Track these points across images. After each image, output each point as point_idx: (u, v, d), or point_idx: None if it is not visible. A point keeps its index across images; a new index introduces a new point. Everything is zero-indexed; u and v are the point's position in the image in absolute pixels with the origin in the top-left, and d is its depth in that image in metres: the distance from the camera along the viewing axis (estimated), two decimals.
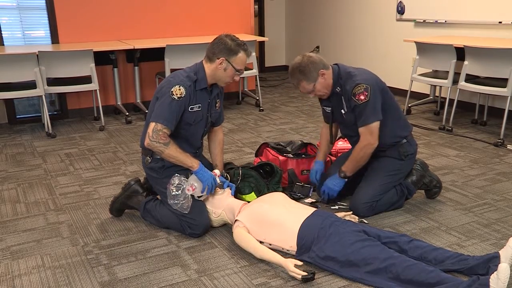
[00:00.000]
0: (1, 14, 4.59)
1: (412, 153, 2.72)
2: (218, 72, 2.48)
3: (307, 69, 2.51)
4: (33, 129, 4.63)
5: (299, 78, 2.54)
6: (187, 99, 2.43)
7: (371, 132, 2.53)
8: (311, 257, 2.14)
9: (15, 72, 4.10)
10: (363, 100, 2.48)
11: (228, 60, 2.45)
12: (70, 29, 4.84)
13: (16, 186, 3.21)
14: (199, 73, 2.50)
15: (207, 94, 2.56)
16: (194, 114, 2.51)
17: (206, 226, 2.48)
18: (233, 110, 5.32)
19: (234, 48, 2.44)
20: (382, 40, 5.98)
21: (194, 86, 2.47)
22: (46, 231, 2.58)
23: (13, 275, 2.17)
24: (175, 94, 2.39)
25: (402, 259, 2.00)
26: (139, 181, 2.68)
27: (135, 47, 4.66)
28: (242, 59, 2.48)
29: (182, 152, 2.43)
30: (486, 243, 2.37)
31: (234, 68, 2.47)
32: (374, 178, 2.67)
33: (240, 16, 5.71)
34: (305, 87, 2.56)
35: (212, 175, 2.48)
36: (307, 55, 2.56)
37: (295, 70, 2.54)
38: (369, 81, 2.53)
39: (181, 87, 2.40)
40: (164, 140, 2.38)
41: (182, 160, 2.43)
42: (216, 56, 2.45)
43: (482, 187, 3.06)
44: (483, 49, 3.98)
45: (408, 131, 2.73)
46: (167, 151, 2.39)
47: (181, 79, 2.44)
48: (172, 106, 2.39)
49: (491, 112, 4.66)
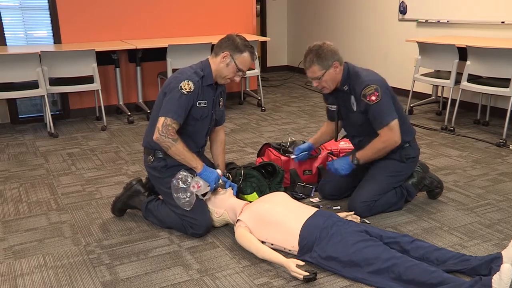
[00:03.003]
0: (4, 14, 4.60)
1: (414, 157, 2.70)
2: (220, 67, 2.49)
3: (324, 55, 2.48)
4: (35, 129, 4.64)
5: (313, 60, 2.49)
6: (195, 94, 2.45)
7: (392, 130, 2.51)
8: (313, 257, 2.14)
9: (17, 72, 4.11)
10: (374, 100, 2.47)
11: (232, 56, 2.46)
12: (72, 29, 4.85)
13: (19, 186, 3.21)
14: (206, 69, 2.52)
15: (213, 90, 2.57)
16: (201, 110, 2.52)
17: (208, 226, 2.48)
18: (235, 110, 5.32)
19: (241, 47, 2.46)
20: (384, 40, 5.98)
21: (201, 81, 2.49)
22: (48, 230, 2.59)
23: (15, 275, 2.17)
24: (184, 88, 2.41)
25: (404, 259, 1.99)
26: (140, 181, 2.68)
27: (137, 47, 4.66)
28: (246, 59, 2.49)
29: (189, 151, 2.44)
30: (488, 243, 2.36)
31: (237, 66, 2.48)
32: (374, 178, 2.66)
33: (242, 16, 5.71)
34: (315, 71, 2.51)
35: (217, 174, 2.49)
36: (327, 43, 2.53)
37: (313, 51, 2.50)
38: (378, 82, 2.52)
39: (189, 81, 2.42)
40: (173, 136, 2.39)
41: (187, 159, 2.43)
42: (222, 50, 2.48)
43: (484, 188, 3.06)
44: (485, 49, 3.97)
45: (411, 136, 2.72)
46: (174, 148, 2.39)
47: (189, 75, 2.46)
48: (181, 101, 2.40)
49: (494, 112, 4.65)
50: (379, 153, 2.60)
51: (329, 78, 2.53)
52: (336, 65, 2.50)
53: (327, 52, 2.48)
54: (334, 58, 2.49)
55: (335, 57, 2.50)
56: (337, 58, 2.51)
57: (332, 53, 2.49)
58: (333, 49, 2.51)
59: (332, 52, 2.49)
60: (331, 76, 2.52)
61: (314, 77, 2.53)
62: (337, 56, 2.51)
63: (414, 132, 2.77)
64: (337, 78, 2.56)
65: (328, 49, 2.49)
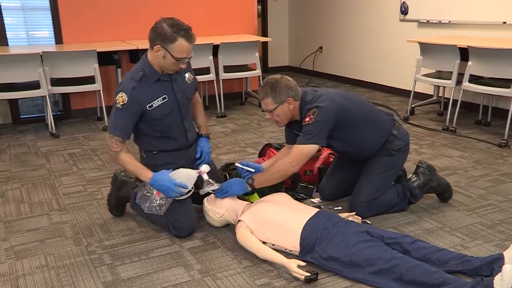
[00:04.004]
0: (6, 14, 4.61)
1: (403, 146, 2.65)
2: (158, 60, 2.33)
3: (278, 89, 2.45)
4: (37, 129, 4.64)
5: (267, 92, 2.46)
6: (136, 102, 2.34)
7: (301, 153, 2.44)
8: (314, 257, 2.14)
9: (19, 72, 4.12)
10: (307, 121, 2.44)
11: (165, 48, 2.26)
12: (73, 30, 4.86)
13: (20, 186, 3.22)
14: (146, 67, 2.37)
15: (167, 82, 2.43)
16: (158, 109, 2.41)
17: (191, 230, 2.47)
18: (236, 110, 5.33)
19: (170, 35, 2.23)
20: (385, 40, 5.97)
21: (146, 82, 2.36)
22: (50, 231, 2.59)
23: (17, 275, 2.17)
24: (118, 103, 2.35)
25: (405, 260, 1.99)
26: (124, 171, 2.66)
27: (139, 47, 4.66)
28: (181, 47, 2.26)
29: (133, 163, 2.38)
30: (490, 244, 2.36)
31: (173, 56, 2.28)
32: (367, 178, 2.65)
33: (244, 16, 5.72)
34: (268, 104, 2.48)
35: (171, 181, 2.32)
36: (286, 77, 2.52)
37: (268, 84, 2.48)
38: (324, 107, 2.43)
39: (123, 93, 2.32)
40: (116, 148, 2.37)
41: (133, 170, 2.40)
42: (154, 43, 2.29)
43: (486, 188, 3.05)
44: (487, 50, 3.96)
45: (390, 126, 2.64)
46: (119, 159, 2.39)
47: (124, 84, 2.37)
48: (117, 115, 2.37)
49: (495, 113, 4.65)
50: (274, 176, 2.47)
51: (281, 112, 2.49)
52: (290, 101, 2.46)
53: (282, 87, 2.45)
54: (288, 94, 2.46)
55: (290, 93, 2.46)
56: (292, 95, 2.46)
57: (287, 89, 2.46)
58: (288, 85, 2.47)
59: (287, 87, 2.46)
60: (283, 111, 2.48)
61: (267, 109, 2.50)
62: (292, 93, 2.47)
63: (392, 119, 2.68)
64: (291, 113, 2.51)
65: (284, 84, 2.46)
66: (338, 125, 2.48)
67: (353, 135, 2.57)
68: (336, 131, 2.49)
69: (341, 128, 2.50)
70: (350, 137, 2.57)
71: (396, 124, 2.68)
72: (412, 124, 4.60)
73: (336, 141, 2.56)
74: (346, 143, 2.59)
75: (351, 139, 2.58)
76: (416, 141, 4.04)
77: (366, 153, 2.66)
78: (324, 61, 7.09)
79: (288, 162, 2.44)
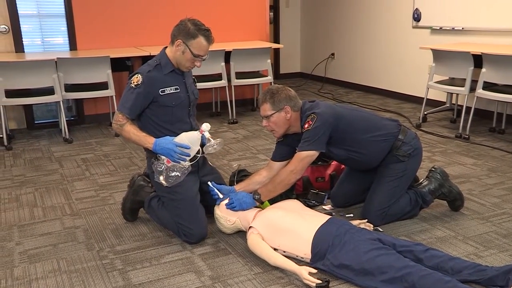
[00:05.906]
0: (23, 22, 4.68)
1: (412, 150, 2.60)
2: (177, 55, 2.50)
3: (278, 96, 2.47)
4: (51, 134, 4.70)
5: (267, 99, 2.48)
6: (150, 84, 2.47)
7: (300, 160, 2.43)
8: (326, 264, 2.13)
9: (34, 78, 4.18)
10: (306, 128, 2.44)
11: (186, 43, 2.44)
12: (88, 36, 4.92)
13: (34, 191, 3.25)
14: (162, 58, 2.54)
15: (179, 75, 2.57)
16: (170, 97, 2.52)
17: (201, 236, 2.48)
18: (248, 116, 5.33)
19: (193, 32, 2.43)
20: (398, 47, 5.95)
21: (160, 70, 2.51)
22: (62, 235, 2.61)
23: (30, 279, 2.19)
24: (132, 82, 2.49)
25: (418, 268, 1.97)
26: (142, 175, 2.72)
27: (151, 54, 4.70)
28: (201, 44, 2.45)
29: (136, 133, 2.45)
30: (505, 253, 2.32)
31: (192, 52, 2.45)
32: (380, 185, 2.63)
33: (256, 23, 5.74)
34: (266, 109, 2.49)
35: (172, 143, 2.35)
36: (288, 88, 2.54)
37: (269, 91, 2.51)
38: (321, 113, 2.44)
39: (138, 75, 2.48)
40: (120, 121, 2.47)
41: (136, 139, 2.45)
42: (176, 38, 2.47)
43: (500, 197, 3.01)
44: (501, 56, 3.93)
45: (395, 130, 2.61)
46: (124, 131, 2.47)
47: (140, 68, 2.55)
48: (128, 94, 2.49)
49: (510, 120, 4.59)
50: (278, 187, 2.48)
51: (278, 120, 2.49)
52: (287, 110, 2.47)
53: (282, 96, 2.47)
54: (287, 103, 2.47)
55: (289, 103, 2.47)
56: (290, 104, 2.47)
57: (287, 98, 2.47)
58: (289, 95, 2.49)
59: (286, 96, 2.48)
60: (280, 118, 2.48)
61: (264, 115, 2.51)
62: (291, 102, 2.48)
63: (397, 124, 2.65)
64: (287, 123, 2.51)
65: (284, 93, 2.49)
66: (338, 129, 2.48)
67: (354, 139, 2.55)
68: (336, 136, 2.49)
69: (341, 132, 2.50)
70: (351, 141, 2.55)
71: (403, 128, 2.64)
72: (425, 131, 4.56)
73: (338, 148, 2.55)
74: (349, 149, 2.57)
75: (353, 143, 2.56)
76: (428, 149, 4.00)
77: (372, 159, 2.63)
78: (336, 67, 7.08)
79: (289, 170, 2.45)
